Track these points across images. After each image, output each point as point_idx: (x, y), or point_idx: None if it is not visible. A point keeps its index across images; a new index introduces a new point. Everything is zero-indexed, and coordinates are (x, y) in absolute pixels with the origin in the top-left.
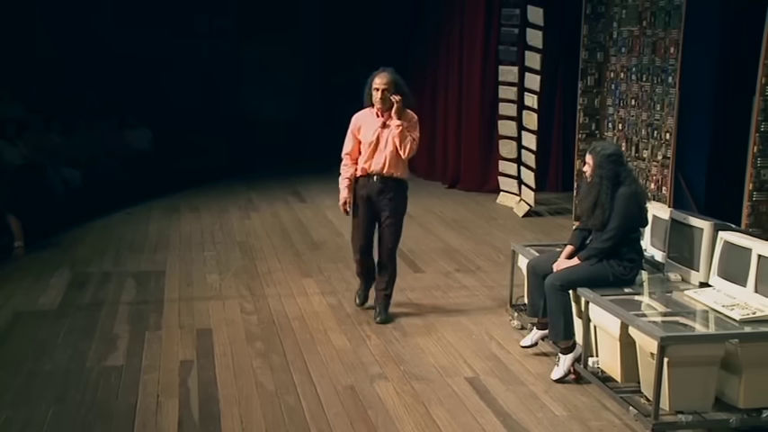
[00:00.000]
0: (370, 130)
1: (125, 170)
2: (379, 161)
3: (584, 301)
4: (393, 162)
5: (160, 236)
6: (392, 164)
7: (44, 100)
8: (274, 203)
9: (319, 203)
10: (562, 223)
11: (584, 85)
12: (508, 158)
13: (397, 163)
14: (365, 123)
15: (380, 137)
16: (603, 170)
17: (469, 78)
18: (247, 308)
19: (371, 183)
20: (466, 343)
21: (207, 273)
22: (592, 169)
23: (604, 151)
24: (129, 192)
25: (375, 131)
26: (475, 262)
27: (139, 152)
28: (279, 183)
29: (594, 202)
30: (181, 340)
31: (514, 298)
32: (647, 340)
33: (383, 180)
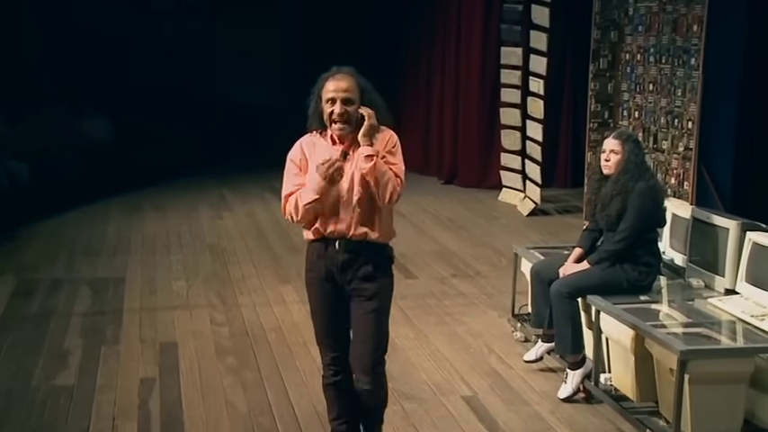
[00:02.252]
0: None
1: (80, 163)
2: (342, 217)
3: (595, 311)
4: (365, 216)
5: (120, 238)
6: (364, 219)
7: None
8: (250, 201)
9: None
10: (571, 223)
11: (595, 68)
12: (511, 151)
13: (373, 216)
14: (315, 156)
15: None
16: (638, 157)
17: (468, 61)
18: (218, 318)
19: (331, 253)
20: (463, 357)
21: (173, 279)
22: (621, 157)
23: (634, 136)
24: (84, 188)
25: None
26: (473, 266)
27: (96, 143)
28: (255, 178)
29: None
30: (141, 356)
31: (517, 307)
32: (665, 354)
33: (351, 248)
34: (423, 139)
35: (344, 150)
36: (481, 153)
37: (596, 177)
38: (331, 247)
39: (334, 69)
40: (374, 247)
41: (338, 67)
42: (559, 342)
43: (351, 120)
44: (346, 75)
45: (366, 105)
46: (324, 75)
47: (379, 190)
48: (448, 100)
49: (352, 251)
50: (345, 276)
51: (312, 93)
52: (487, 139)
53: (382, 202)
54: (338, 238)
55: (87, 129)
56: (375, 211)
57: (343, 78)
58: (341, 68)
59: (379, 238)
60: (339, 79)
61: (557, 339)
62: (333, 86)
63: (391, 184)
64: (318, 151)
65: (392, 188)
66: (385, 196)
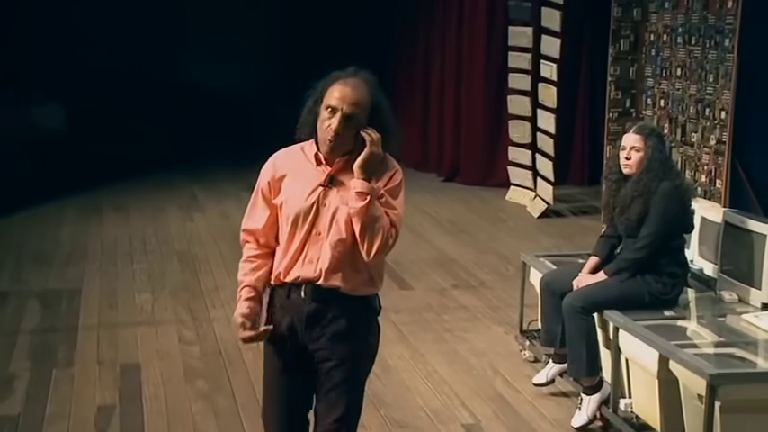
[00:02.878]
0: (301, 188)
1: (29, 157)
2: (311, 257)
3: (613, 328)
4: (344, 260)
5: (75, 243)
6: (342, 264)
7: None
8: (224, 201)
9: None
10: (588, 226)
11: (616, 50)
12: (520, 144)
13: (354, 266)
14: (294, 175)
15: (322, 206)
16: (662, 154)
17: (471, 42)
18: (187, 336)
19: (296, 301)
20: (464, 380)
21: (136, 291)
22: (644, 154)
23: (658, 130)
24: (34, 185)
25: (312, 194)
26: (477, 276)
27: (49, 134)
28: (230, 175)
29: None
30: (99, 379)
31: (526, 322)
32: (693, 378)
33: (321, 296)
34: (420, 130)
35: (331, 174)
36: (486, 147)
37: (615, 177)
38: (295, 295)
39: (350, 70)
40: (353, 299)
41: (356, 70)
42: (573, 363)
43: (347, 141)
44: (360, 83)
45: (374, 127)
46: (335, 73)
47: (366, 239)
48: (449, 86)
49: (322, 300)
50: (312, 333)
51: (314, 90)
52: (493, 131)
53: (366, 254)
54: (306, 284)
55: (38, 118)
56: (356, 259)
57: (356, 87)
58: (359, 72)
59: (359, 290)
60: (350, 86)
61: (570, 360)
62: (339, 93)
63: (382, 234)
64: (298, 168)
65: (382, 240)
66: (371, 248)
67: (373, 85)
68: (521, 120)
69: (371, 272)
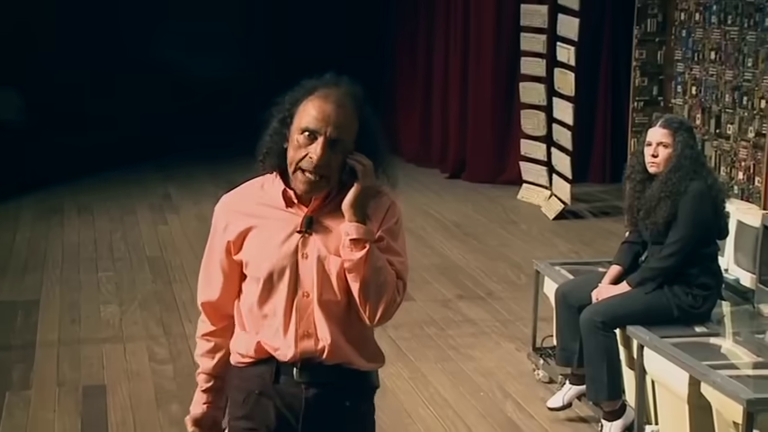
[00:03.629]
0: (270, 239)
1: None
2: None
3: (638, 346)
4: (349, 330)
5: (32, 249)
6: (347, 335)
7: None
8: (201, 201)
9: None
10: (610, 229)
11: (642, 31)
12: (534, 137)
13: (362, 333)
14: (257, 223)
15: (303, 259)
16: (693, 150)
17: (479, 23)
18: (159, 354)
19: (288, 387)
20: (470, 402)
21: (101, 303)
22: (673, 150)
23: (687, 123)
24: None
25: (286, 244)
26: (485, 285)
27: (3, 124)
28: (208, 171)
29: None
30: (59, 404)
31: (540, 338)
32: (727, 403)
33: (323, 379)
34: (421, 121)
35: (308, 215)
36: (495, 139)
37: (639, 176)
38: (286, 378)
39: (328, 78)
40: (361, 377)
41: (336, 78)
42: (592, 385)
43: (332, 173)
44: (344, 97)
45: (363, 152)
46: (308, 82)
47: (369, 300)
48: (453, 73)
49: (324, 384)
50: (310, 428)
51: (278, 106)
52: (503, 122)
53: (370, 319)
54: (298, 362)
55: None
56: (360, 326)
57: (340, 104)
58: (340, 81)
59: (370, 364)
60: (332, 102)
61: (589, 381)
62: (319, 111)
63: (388, 291)
64: (262, 215)
65: (389, 298)
66: (376, 310)
67: (359, 99)
68: (534, 109)
69: (370, 344)
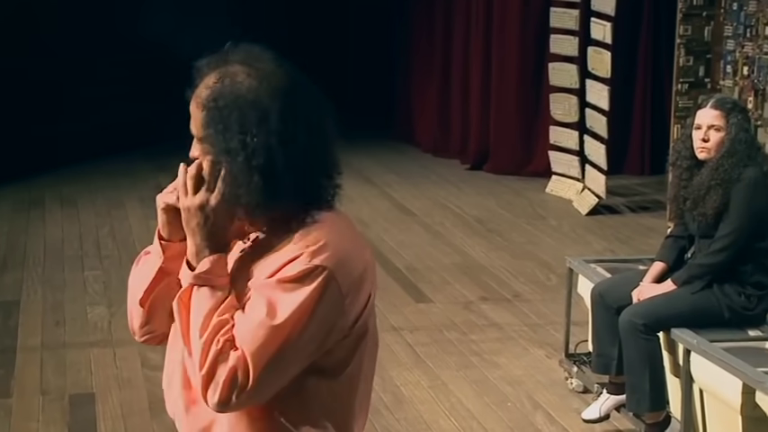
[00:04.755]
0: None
1: None
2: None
3: (684, 351)
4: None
5: (11, 245)
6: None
7: None
8: None
9: None
10: (649, 225)
11: (686, 5)
12: (564, 123)
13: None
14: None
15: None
16: (748, 134)
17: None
18: (152, 360)
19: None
20: (496, 414)
21: (88, 304)
22: (725, 134)
23: (741, 104)
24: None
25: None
26: (511, 286)
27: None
28: None
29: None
30: (43, 413)
31: (573, 344)
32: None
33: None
34: (439, 106)
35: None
36: (522, 126)
37: (686, 163)
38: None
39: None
40: None
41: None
42: (633, 395)
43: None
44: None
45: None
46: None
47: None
48: (475, 52)
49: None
50: None
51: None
52: (531, 107)
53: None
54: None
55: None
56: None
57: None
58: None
59: None
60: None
61: (629, 390)
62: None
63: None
64: None
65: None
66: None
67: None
68: (565, 93)
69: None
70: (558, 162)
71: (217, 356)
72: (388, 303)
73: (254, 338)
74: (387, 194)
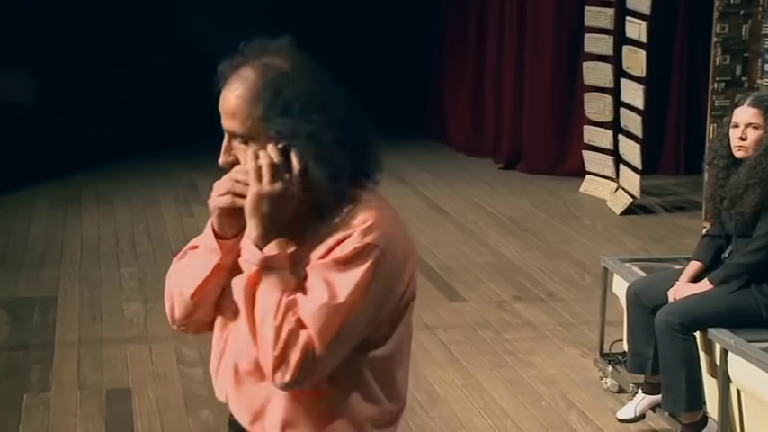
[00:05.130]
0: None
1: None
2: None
3: (721, 351)
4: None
5: (49, 242)
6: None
7: None
8: None
9: None
10: (684, 225)
11: (723, 2)
12: (599, 123)
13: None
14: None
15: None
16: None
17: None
18: (188, 356)
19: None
20: (530, 413)
21: (124, 301)
22: (764, 132)
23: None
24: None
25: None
26: (545, 285)
27: (15, 109)
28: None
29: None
30: (81, 408)
31: (607, 343)
32: None
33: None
34: (472, 105)
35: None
36: (555, 126)
37: (723, 162)
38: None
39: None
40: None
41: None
42: (669, 394)
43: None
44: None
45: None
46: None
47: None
48: (509, 50)
49: None
50: None
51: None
52: (564, 107)
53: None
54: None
55: (3, 90)
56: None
57: (237, 85)
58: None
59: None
60: (228, 89)
61: (665, 390)
62: (221, 102)
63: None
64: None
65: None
66: (265, 367)
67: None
68: (599, 92)
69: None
70: (592, 162)
71: (289, 337)
72: (422, 302)
73: (319, 318)
74: (420, 193)
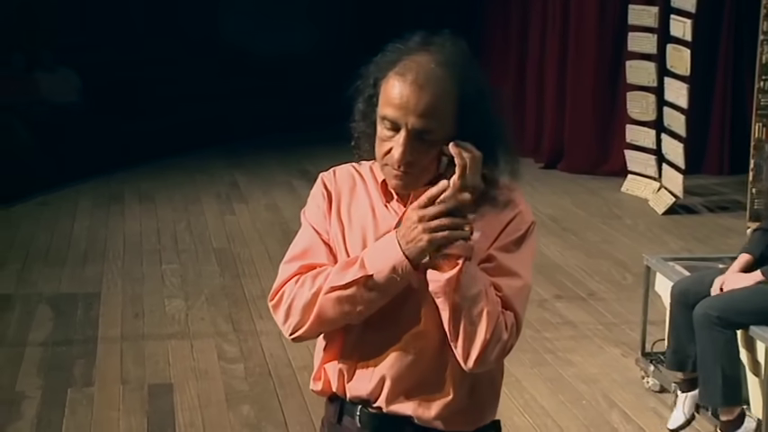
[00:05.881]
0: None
1: (36, 136)
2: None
3: (765, 350)
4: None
5: (92, 239)
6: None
7: None
8: (272, 190)
9: None
10: (729, 225)
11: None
12: (641, 122)
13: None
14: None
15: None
16: None
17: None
18: (229, 352)
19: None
20: (571, 412)
21: (166, 297)
22: None
23: None
24: (42, 169)
25: None
26: (586, 285)
27: (60, 107)
28: (279, 157)
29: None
30: (123, 402)
31: (650, 343)
32: None
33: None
34: (514, 104)
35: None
36: (597, 125)
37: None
38: (348, 421)
39: (417, 40)
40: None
41: (427, 39)
42: (706, 387)
43: (424, 168)
44: (434, 70)
45: (468, 138)
46: (392, 47)
47: (459, 337)
48: (551, 49)
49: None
50: None
51: (364, 79)
52: (607, 106)
53: (463, 361)
54: (360, 405)
55: (48, 88)
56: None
57: (426, 82)
58: (431, 44)
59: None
60: (414, 81)
61: (702, 383)
62: (399, 96)
63: (487, 326)
64: (360, 206)
65: (488, 336)
66: (468, 352)
67: (459, 67)
68: (643, 91)
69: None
70: (634, 161)
71: (498, 320)
72: None
73: (521, 300)
74: None
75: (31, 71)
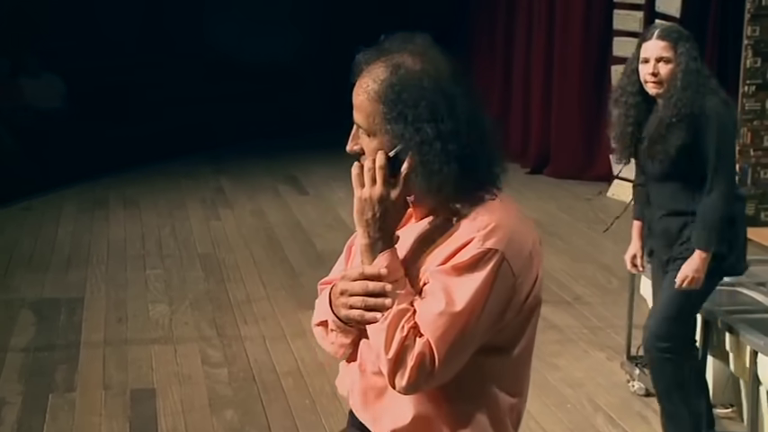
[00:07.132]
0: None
1: (21, 141)
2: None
3: (750, 352)
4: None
5: (76, 244)
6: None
7: None
8: (257, 195)
9: (327, 195)
10: None
11: (755, 4)
12: None
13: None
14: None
15: None
16: (697, 63)
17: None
18: (213, 357)
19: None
20: (556, 415)
21: (150, 302)
22: (676, 65)
23: (686, 33)
24: (27, 174)
25: None
26: (571, 289)
27: (45, 113)
28: (265, 163)
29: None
30: (105, 408)
31: (635, 346)
32: None
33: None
34: (499, 108)
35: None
36: (583, 130)
37: (632, 100)
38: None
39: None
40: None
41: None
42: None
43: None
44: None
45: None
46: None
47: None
48: (537, 54)
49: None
50: None
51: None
52: (593, 111)
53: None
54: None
55: (32, 93)
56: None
57: (365, 83)
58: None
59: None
60: (359, 82)
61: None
62: (353, 92)
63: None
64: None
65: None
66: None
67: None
68: None
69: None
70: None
71: (402, 343)
72: None
73: (437, 326)
74: None
75: (15, 77)
